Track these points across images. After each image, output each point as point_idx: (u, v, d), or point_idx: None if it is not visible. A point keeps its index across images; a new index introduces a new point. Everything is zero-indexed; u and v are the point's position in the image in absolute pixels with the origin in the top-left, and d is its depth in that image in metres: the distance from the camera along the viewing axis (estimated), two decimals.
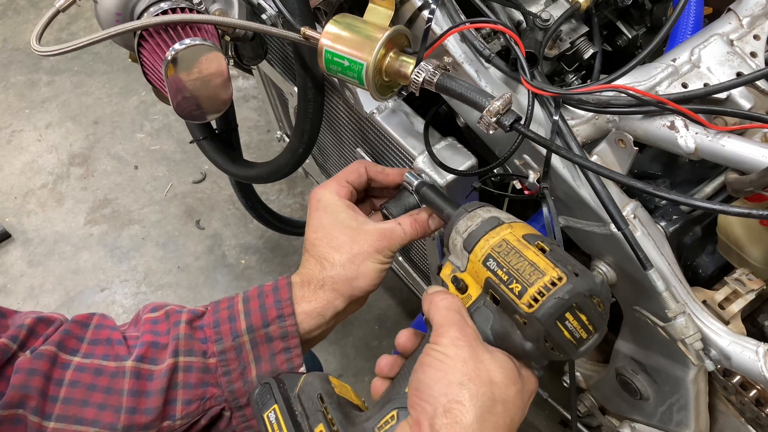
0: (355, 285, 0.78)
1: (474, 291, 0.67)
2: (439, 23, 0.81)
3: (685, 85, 0.77)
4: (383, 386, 0.70)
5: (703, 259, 0.95)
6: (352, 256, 0.78)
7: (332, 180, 0.84)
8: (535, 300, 0.60)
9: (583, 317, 0.61)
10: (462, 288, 0.68)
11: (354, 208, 0.82)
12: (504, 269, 0.63)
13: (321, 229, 0.80)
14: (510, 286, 0.62)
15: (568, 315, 0.60)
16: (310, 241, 0.80)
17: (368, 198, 0.90)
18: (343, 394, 0.72)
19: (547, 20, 0.82)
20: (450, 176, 0.93)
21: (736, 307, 0.82)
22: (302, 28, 0.83)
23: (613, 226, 0.76)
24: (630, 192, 0.81)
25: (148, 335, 0.74)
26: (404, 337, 0.71)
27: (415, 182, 0.85)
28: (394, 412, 0.64)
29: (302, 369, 0.76)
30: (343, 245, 0.78)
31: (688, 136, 0.73)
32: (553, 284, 0.60)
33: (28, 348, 0.70)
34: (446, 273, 0.70)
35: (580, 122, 0.79)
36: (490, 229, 0.67)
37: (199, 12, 0.88)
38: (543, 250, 0.64)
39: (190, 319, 0.75)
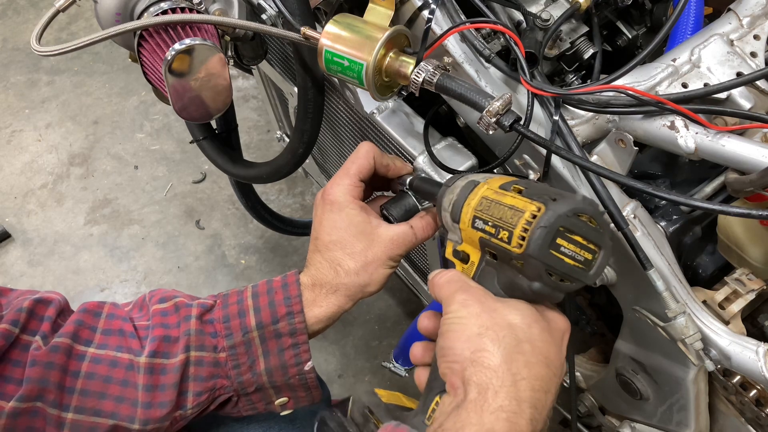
0: (366, 290, 0.80)
1: (475, 257, 0.67)
2: (439, 23, 0.81)
3: (685, 85, 0.77)
4: (425, 374, 0.70)
5: (703, 259, 0.95)
6: (366, 264, 0.79)
7: (344, 176, 0.83)
8: (522, 239, 0.59)
9: (578, 238, 0.59)
10: (464, 258, 0.68)
11: (367, 209, 0.83)
12: (490, 223, 0.63)
13: (335, 233, 0.80)
14: (499, 236, 0.61)
15: (559, 241, 0.59)
16: (323, 243, 0.81)
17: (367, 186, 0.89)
18: (393, 401, 0.74)
19: (547, 20, 0.82)
20: (450, 176, 0.93)
21: (736, 307, 0.82)
22: (302, 28, 0.83)
23: (612, 226, 0.76)
24: (630, 192, 0.81)
25: (159, 329, 0.75)
26: (426, 320, 0.71)
27: (408, 179, 0.86)
28: (438, 398, 0.64)
29: (309, 363, 0.78)
30: (358, 253, 0.79)
31: (688, 136, 0.73)
32: (534, 217, 0.59)
33: (29, 330, 0.71)
34: (449, 252, 0.71)
35: (580, 122, 0.79)
36: (469, 193, 0.67)
37: (199, 12, 0.88)
38: (520, 192, 0.63)
39: (200, 314, 0.77)
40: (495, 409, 0.57)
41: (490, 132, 0.71)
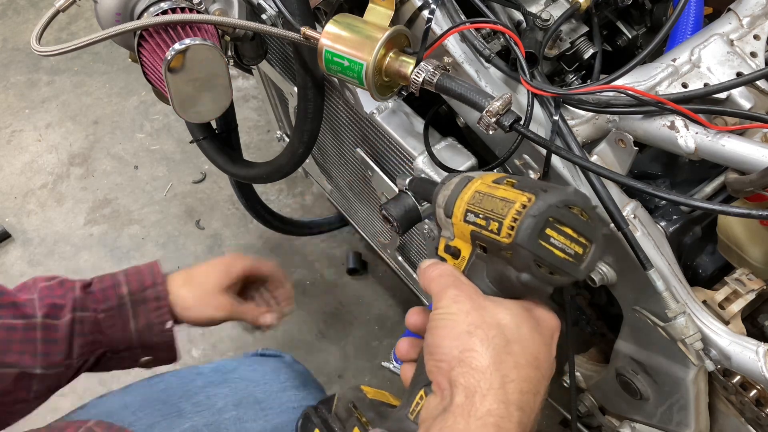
0: (184, 313, 0.97)
1: (466, 252, 0.66)
2: (439, 23, 0.81)
3: (685, 85, 0.77)
4: (411, 370, 0.70)
5: (703, 259, 0.95)
6: (196, 298, 0.98)
7: (253, 258, 1.06)
8: (512, 228, 0.58)
9: (568, 230, 0.58)
10: (455, 254, 0.67)
11: (232, 281, 1.01)
12: (481, 216, 0.62)
13: (203, 268, 1.02)
14: (489, 228, 0.61)
15: (549, 232, 0.58)
16: (195, 268, 1.02)
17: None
18: (378, 398, 0.74)
19: (547, 20, 0.82)
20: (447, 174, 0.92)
21: (736, 307, 0.82)
22: (302, 28, 0.83)
23: (613, 226, 0.76)
24: (630, 192, 0.81)
25: (48, 299, 0.92)
26: (414, 316, 0.71)
27: (407, 180, 0.86)
28: (422, 392, 0.63)
29: (170, 323, 0.95)
30: (199, 287, 0.99)
31: (688, 136, 0.73)
32: (524, 207, 0.58)
33: None
34: (441, 248, 0.70)
35: (580, 122, 0.79)
36: (463, 187, 0.66)
37: (199, 12, 0.88)
38: (513, 185, 0.62)
39: (82, 286, 0.94)
40: (483, 414, 0.56)
41: (490, 132, 0.71)
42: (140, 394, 1.06)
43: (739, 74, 0.76)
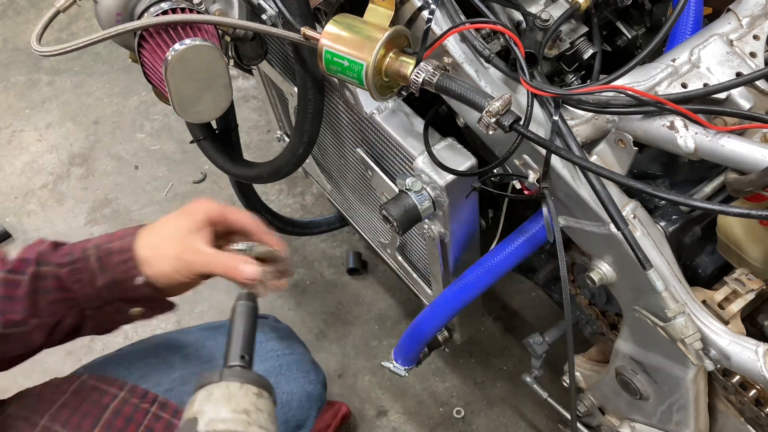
0: (145, 267, 0.84)
1: None
2: (439, 23, 0.81)
3: (684, 85, 0.77)
4: None
5: (703, 259, 0.95)
6: (157, 245, 0.85)
7: (219, 204, 0.89)
8: None
9: None
10: None
11: (203, 223, 0.85)
12: None
13: (166, 218, 0.88)
14: None
15: None
16: (160, 219, 0.89)
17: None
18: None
19: (547, 20, 0.82)
20: (450, 176, 0.93)
21: (736, 307, 0.82)
22: (302, 29, 0.83)
23: (612, 226, 0.76)
24: (630, 192, 0.81)
25: (21, 254, 0.88)
26: None
27: (408, 180, 0.88)
28: None
29: (140, 278, 0.84)
30: (160, 235, 0.86)
31: (687, 136, 0.73)
32: None
33: None
34: None
35: (580, 122, 0.79)
36: None
37: (199, 12, 0.88)
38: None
39: (56, 243, 0.89)
40: None
41: (490, 132, 0.71)
42: (131, 352, 1.06)
43: (738, 74, 0.76)
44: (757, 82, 0.75)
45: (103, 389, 0.96)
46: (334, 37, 0.80)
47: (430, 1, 0.79)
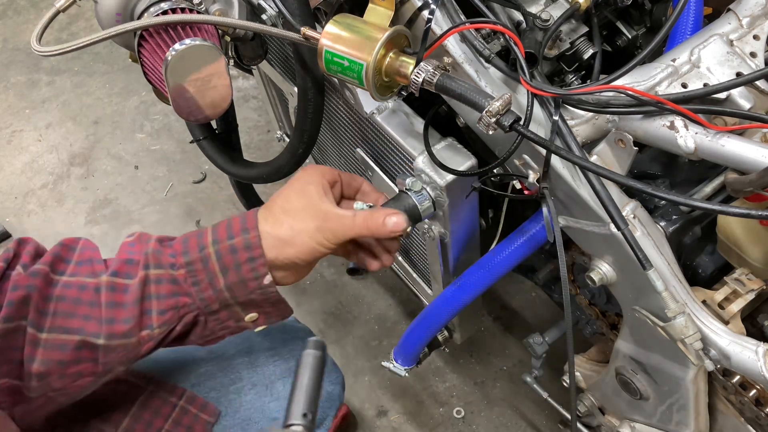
0: (285, 251, 0.78)
1: None
2: (439, 23, 0.81)
3: (684, 85, 0.77)
4: None
5: (703, 259, 0.95)
6: (294, 222, 0.79)
7: (328, 167, 0.86)
8: None
9: None
10: None
11: (326, 189, 0.82)
12: None
13: (285, 192, 0.82)
14: None
15: None
16: (272, 199, 0.82)
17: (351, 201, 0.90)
18: None
19: (547, 20, 0.82)
20: (450, 176, 0.93)
21: (736, 307, 0.82)
22: (302, 29, 0.83)
23: (612, 226, 0.76)
24: (630, 192, 0.81)
25: (123, 254, 0.79)
26: None
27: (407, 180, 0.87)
28: None
29: (268, 277, 0.78)
30: (292, 210, 0.79)
31: (687, 136, 0.73)
32: None
33: (12, 267, 0.77)
34: None
35: (580, 122, 0.79)
36: None
37: (199, 12, 0.88)
38: None
39: (161, 239, 0.80)
40: None
41: (490, 132, 0.71)
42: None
43: (738, 74, 0.76)
44: (757, 82, 0.75)
45: (132, 382, 0.96)
46: (334, 37, 0.80)
47: (430, 1, 0.79)
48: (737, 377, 0.86)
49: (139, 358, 0.79)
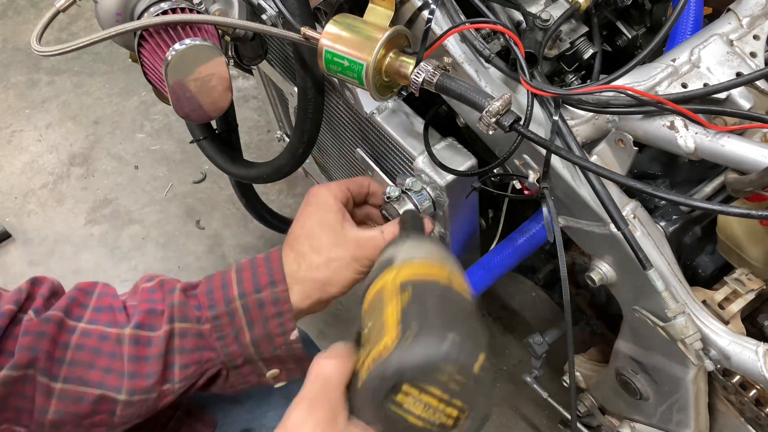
0: (327, 290, 0.79)
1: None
2: (439, 23, 0.81)
3: (684, 85, 0.77)
4: None
5: (703, 259, 0.95)
6: (329, 260, 0.78)
7: (333, 183, 0.84)
8: (367, 372, 0.49)
9: (430, 395, 0.47)
10: (360, 343, 0.57)
11: (344, 212, 0.82)
12: (367, 329, 0.53)
13: (307, 226, 0.80)
14: (364, 351, 0.52)
15: (400, 398, 0.48)
16: (294, 236, 0.80)
17: (364, 206, 0.91)
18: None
19: (547, 20, 0.82)
20: (450, 176, 0.93)
21: (736, 307, 0.82)
22: (302, 29, 0.83)
23: (612, 226, 0.76)
24: (630, 192, 0.81)
25: (145, 304, 0.75)
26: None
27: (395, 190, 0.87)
28: None
29: (295, 333, 0.77)
30: (322, 247, 0.78)
31: (687, 136, 0.73)
32: (381, 354, 0.48)
33: (26, 309, 0.73)
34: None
35: (580, 122, 0.79)
36: (378, 274, 0.57)
37: (199, 12, 0.88)
38: (405, 302, 0.52)
39: (185, 288, 0.77)
40: None
41: (490, 132, 0.71)
42: None
43: (738, 74, 0.76)
44: (757, 82, 0.75)
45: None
46: (334, 37, 0.79)
47: (430, 1, 0.79)
48: (737, 377, 0.86)
49: (155, 412, 0.76)
